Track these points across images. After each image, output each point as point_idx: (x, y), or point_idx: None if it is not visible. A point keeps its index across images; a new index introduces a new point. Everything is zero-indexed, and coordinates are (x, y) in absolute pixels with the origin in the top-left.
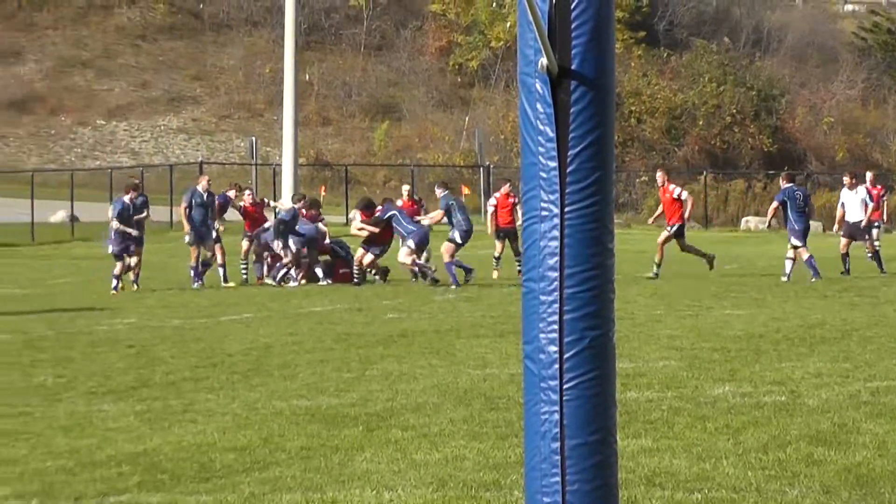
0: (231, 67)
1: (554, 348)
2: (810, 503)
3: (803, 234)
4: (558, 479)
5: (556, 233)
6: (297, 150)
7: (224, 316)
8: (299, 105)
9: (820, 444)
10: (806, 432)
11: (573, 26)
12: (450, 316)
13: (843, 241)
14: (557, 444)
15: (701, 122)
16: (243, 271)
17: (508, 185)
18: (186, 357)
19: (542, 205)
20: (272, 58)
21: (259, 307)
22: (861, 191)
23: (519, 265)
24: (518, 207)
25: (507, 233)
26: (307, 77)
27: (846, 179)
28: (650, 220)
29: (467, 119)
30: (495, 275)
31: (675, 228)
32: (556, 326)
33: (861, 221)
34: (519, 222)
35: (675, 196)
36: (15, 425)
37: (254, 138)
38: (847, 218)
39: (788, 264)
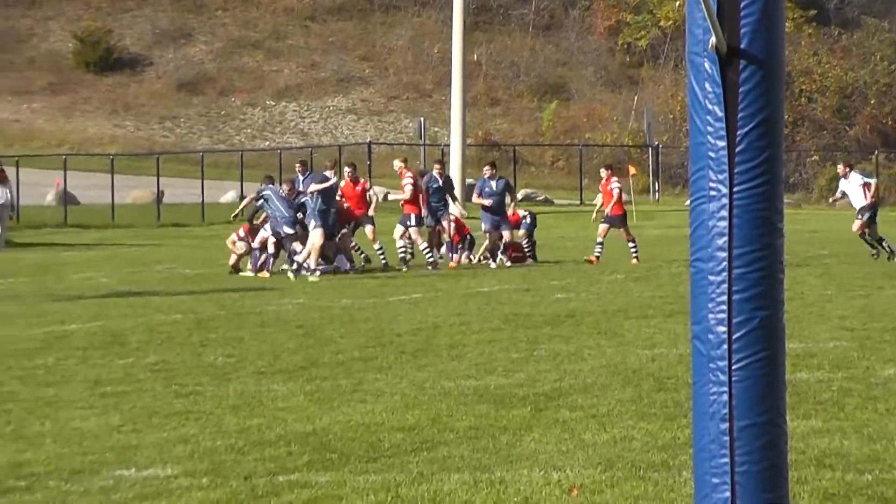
0: (400, 48)
1: (723, 329)
2: None
3: None
4: (727, 460)
5: (725, 213)
6: (465, 131)
7: (392, 296)
8: (467, 85)
9: None
10: None
11: (742, 5)
12: (618, 296)
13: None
14: (726, 425)
15: (873, 101)
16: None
17: (605, 170)
18: (355, 337)
19: (711, 185)
20: (440, 38)
21: (427, 287)
22: (854, 177)
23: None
24: (615, 192)
25: (610, 219)
26: (475, 57)
27: (841, 168)
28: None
29: (636, 99)
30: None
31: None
32: (724, 307)
33: (865, 205)
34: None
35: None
36: (185, 404)
37: (422, 119)
38: (854, 205)
39: None
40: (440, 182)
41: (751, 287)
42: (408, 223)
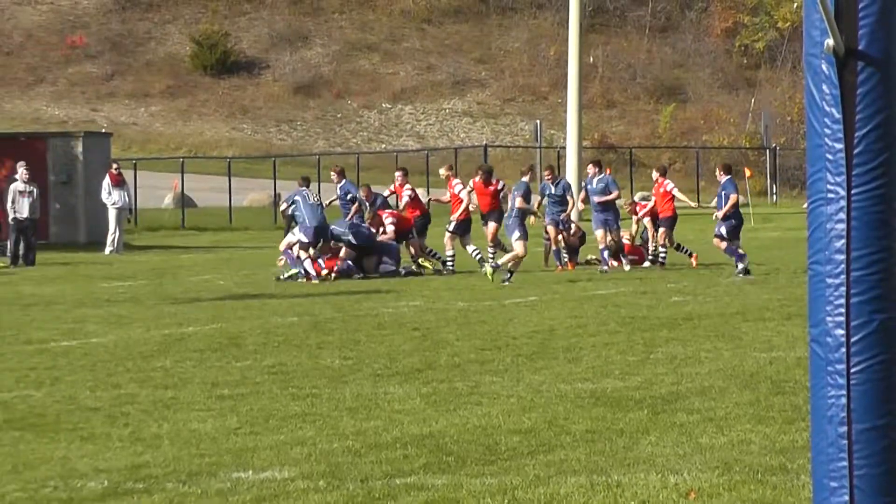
0: (516, 50)
1: (841, 332)
2: None
3: (739, 229)
4: (845, 463)
5: (843, 215)
6: (581, 133)
7: (509, 299)
8: (584, 87)
9: None
10: None
11: (860, 7)
12: (735, 299)
13: None
14: (845, 429)
15: None
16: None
17: (657, 172)
18: (471, 339)
19: (829, 187)
20: (557, 40)
21: (544, 290)
22: None
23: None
24: (675, 192)
25: (663, 222)
26: (591, 59)
27: None
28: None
29: (753, 101)
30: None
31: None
32: (842, 310)
33: None
34: (641, 208)
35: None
36: (303, 407)
37: (538, 121)
38: None
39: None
40: (552, 189)
41: (869, 290)
42: (447, 227)
